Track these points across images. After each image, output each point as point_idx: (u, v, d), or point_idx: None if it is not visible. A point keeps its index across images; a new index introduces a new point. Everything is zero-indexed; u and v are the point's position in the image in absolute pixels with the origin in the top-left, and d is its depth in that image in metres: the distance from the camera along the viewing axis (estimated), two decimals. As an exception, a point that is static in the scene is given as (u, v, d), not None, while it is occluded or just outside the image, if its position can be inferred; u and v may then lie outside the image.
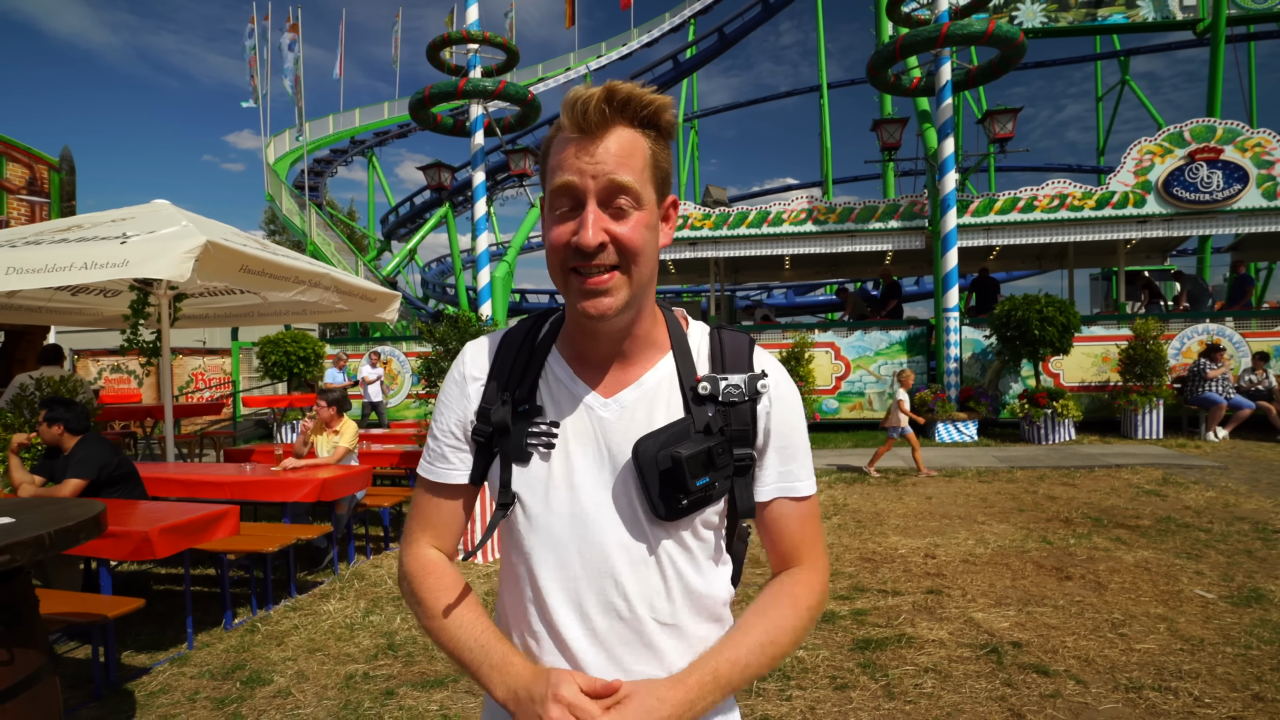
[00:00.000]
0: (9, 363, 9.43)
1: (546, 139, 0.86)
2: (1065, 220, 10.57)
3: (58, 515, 2.21)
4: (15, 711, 1.96)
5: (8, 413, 5.55)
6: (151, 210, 4.82)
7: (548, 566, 0.86)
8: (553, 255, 0.83)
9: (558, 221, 0.82)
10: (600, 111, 0.78)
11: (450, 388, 0.94)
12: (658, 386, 0.88)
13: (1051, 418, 9.46)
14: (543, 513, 0.86)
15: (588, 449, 0.87)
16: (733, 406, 0.87)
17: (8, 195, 8.72)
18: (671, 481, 0.81)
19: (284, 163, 23.38)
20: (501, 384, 0.90)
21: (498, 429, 0.88)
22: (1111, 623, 3.53)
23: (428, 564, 0.93)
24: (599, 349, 0.89)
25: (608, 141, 0.79)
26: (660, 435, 0.83)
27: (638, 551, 0.85)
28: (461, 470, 0.92)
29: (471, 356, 0.94)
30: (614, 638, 0.85)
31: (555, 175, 0.81)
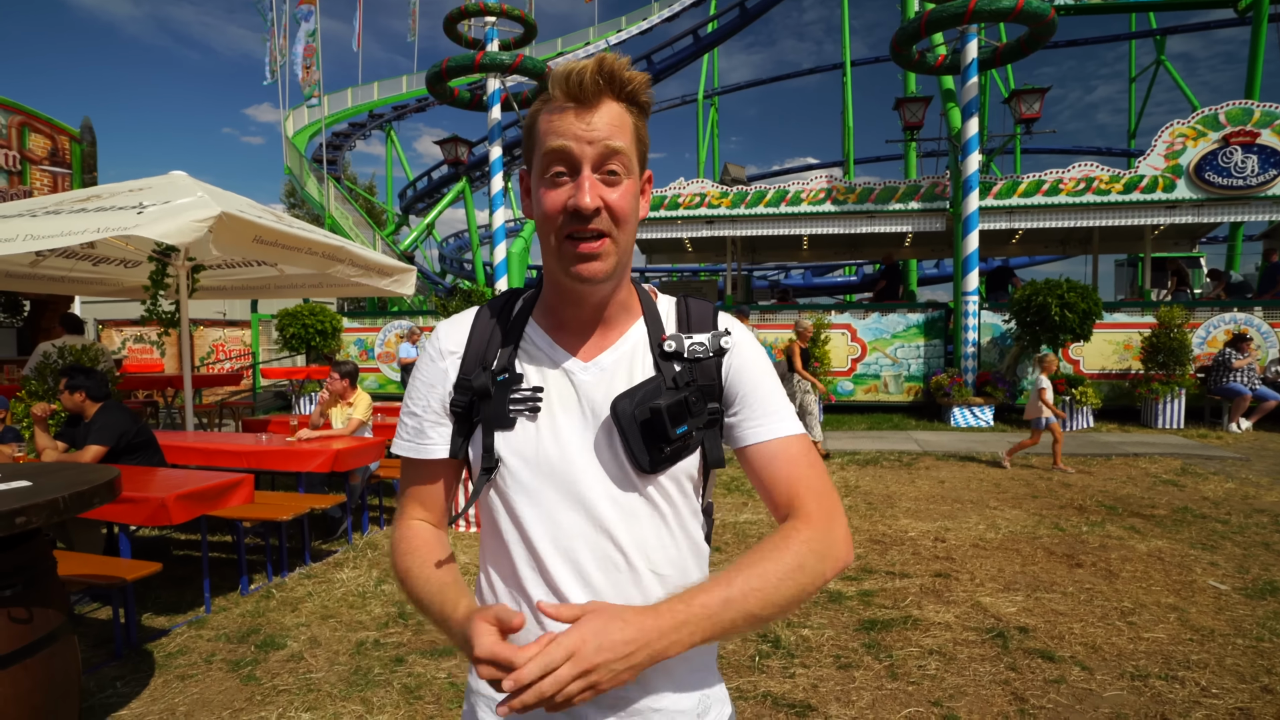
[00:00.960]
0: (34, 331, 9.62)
1: (532, 111, 0.87)
2: (1091, 204, 10.34)
3: (73, 480, 2.26)
4: (35, 667, 2.02)
5: (32, 380, 5.67)
6: (169, 181, 4.85)
7: (540, 527, 0.87)
8: (547, 221, 0.85)
9: (550, 187, 0.84)
10: (595, 81, 0.81)
11: (425, 365, 0.96)
12: (633, 350, 0.92)
13: (1070, 404, 9.34)
14: (532, 475, 0.88)
15: (571, 411, 0.89)
16: (698, 362, 0.91)
17: (31, 166, 8.83)
18: (652, 432, 0.84)
19: (303, 136, 23.42)
20: (479, 355, 0.93)
21: (479, 394, 0.90)
22: (1120, 611, 3.51)
23: (408, 532, 0.95)
24: (580, 315, 0.92)
25: (600, 111, 0.83)
26: (635, 393, 0.87)
27: (628, 504, 0.87)
28: (441, 444, 0.94)
29: (445, 333, 0.96)
30: (614, 592, 0.86)
31: (548, 140, 0.83)
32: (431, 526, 0.97)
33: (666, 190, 11.71)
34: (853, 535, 4.76)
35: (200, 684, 2.96)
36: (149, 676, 3.04)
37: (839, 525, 0.87)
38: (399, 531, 0.97)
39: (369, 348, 12.50)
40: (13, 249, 3.85)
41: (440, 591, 0.87)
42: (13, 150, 8.58)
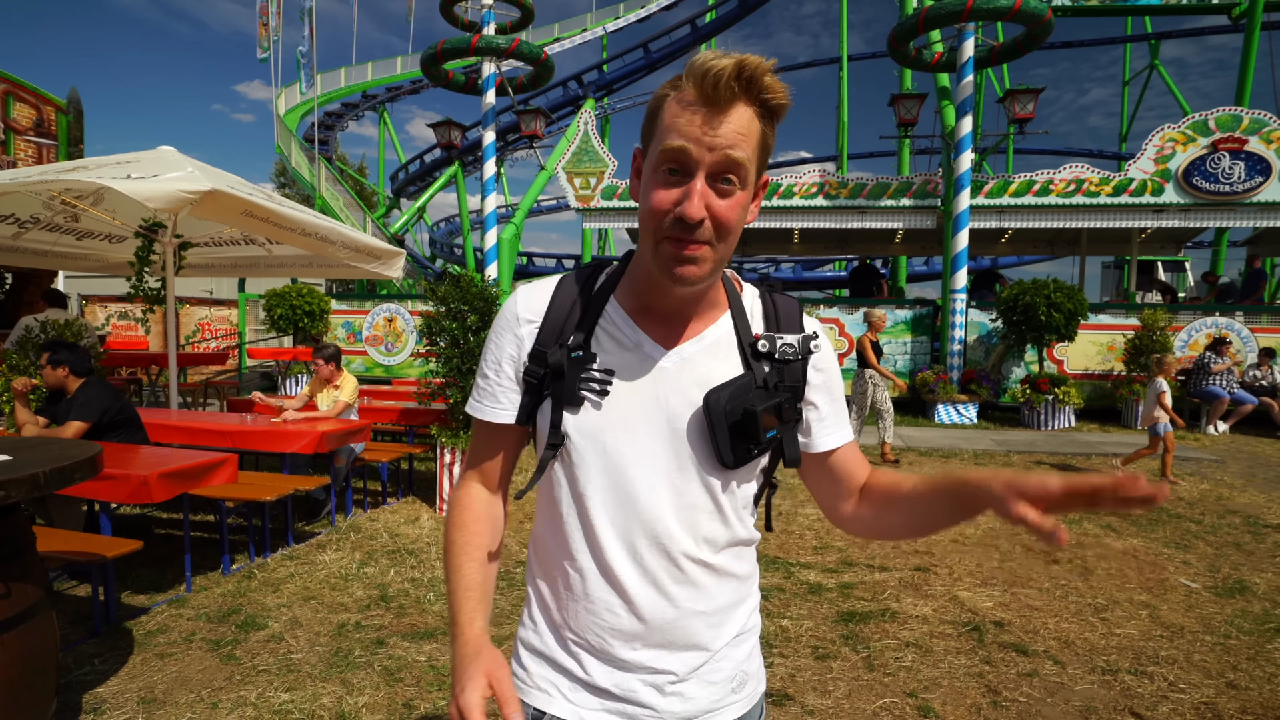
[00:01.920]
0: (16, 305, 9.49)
1: (659, 94, 0.84)
2: (1080, 206, 10.42)
3: (55, 455, 2.24)
4: (12, 643, 2.01)
5: (13, 354, 5.60)
6: (158, 156, 4.79)
7: (600, 507, 0.89)
8: (651, 218, 0.83)
9: (661, 185, 0.82)
10: (730, 88, 0.78)
11: (501, 328, 0.95)
12: (717, 342, 0.92)
13: (1052, 404, 9.45)
14: (597, 456, 0.89)
15: (644, 396, 0.89)
16: (787, 364, 0.93)
17: (15, 136, 8.68)
18: (742, 433, 0.87)
19: (294, 115, 23.11)
20: (557, 328, 0.92)
21: (553, 371, 0.89)
22: (1094, 607, 3.57)
23: (466, 501, 0.98)
24: (666, 304, 0.91)
25: (729, 118, 0.79)
26: (728, 388, 0.88)
27: (688, 495, 0.89)
28: (510, 410, 0.94)
29: (525, 298, 0.95)
30: (665, 576, 0.89)
31: (669, 136, 0.80)
32: (488, 497, 0.99)
33: (660, 180, 11.69)
34: (834, 528, 4.78)
35: (179, 662, 2.96)
36: (127, 654, 3.03)
37: None
38: (459, 495, 0.99)
39: (357, 330, 12.42)
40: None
41: (465, 592, 0.90)
42: (-4, 120, 8.43)
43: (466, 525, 0.96)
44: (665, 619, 0.90)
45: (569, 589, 0.92)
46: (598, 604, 0.90)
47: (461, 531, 0.95)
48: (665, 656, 0.90)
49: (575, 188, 11.80)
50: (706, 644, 0.92)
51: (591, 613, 0.91)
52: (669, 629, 0.90)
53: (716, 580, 0.93)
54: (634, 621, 0.90)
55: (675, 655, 0.91)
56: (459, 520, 0.96)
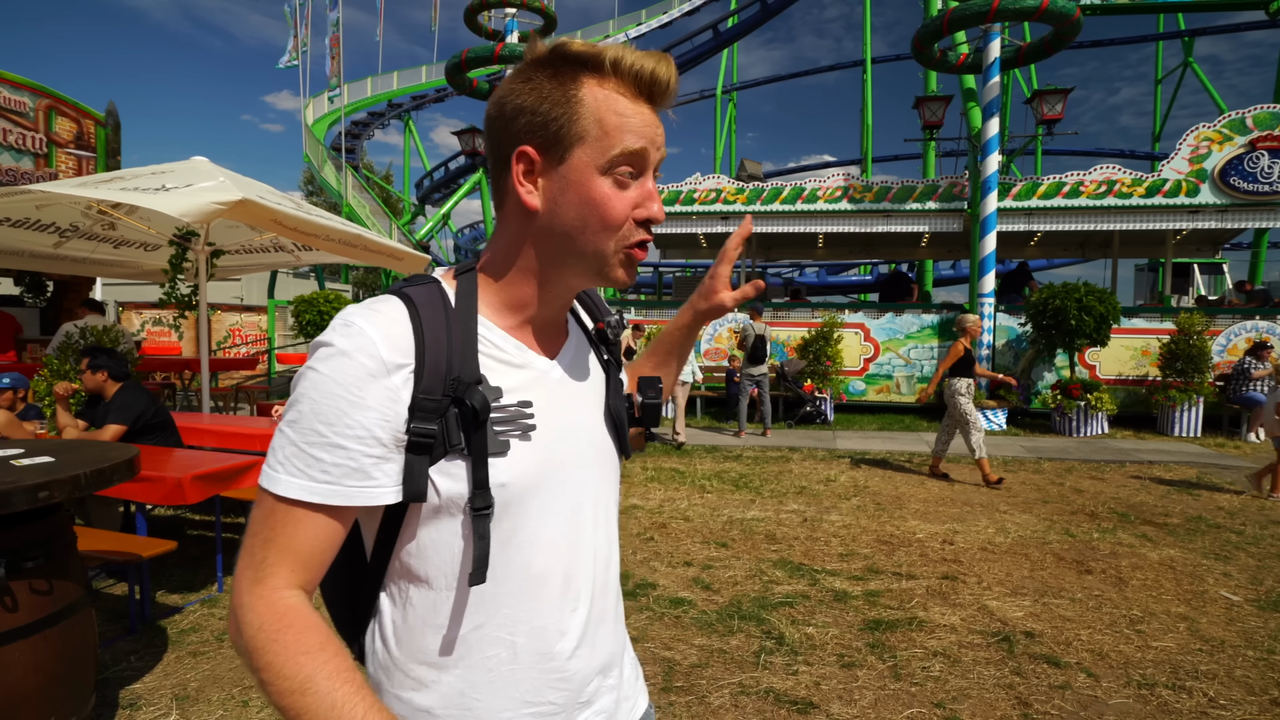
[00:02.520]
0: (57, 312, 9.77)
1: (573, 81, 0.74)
2: (1112, 208, 10.21)
3: (94, 457, 2.30)
4: (54, 638, 2.07)
5: (54, 359, 5.76)
6: (191, 166, 4.91)
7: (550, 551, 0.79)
8: (611, 224, 0.75)
9: (619, 187, 0.76)
10: (673, 91, 0.77)
11: (355, 380, 0.69)
12: (579, 340, 0.91)
13: (1084, 410, 9.26)
14: (532, 499, 0.77)
15: (556, 418, 0.81)
16: (615, 344, 0.95)
17: (57, 149, 8.95)
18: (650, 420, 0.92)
19: (322, 124, 23.55)
20: (440, 365, 0.72)
21: (476, 418, 0.72)
22: (1129, 619, 3.49)
23: (286, 614, 0.67)
24: (552, 314, 0.84)
25: (661, 117, 0.79)
26: (615, 387, 0.91)
27: (611, 504, 0.89)
28: (389, 487, 0.71)
29: (382, 335, 0.71)
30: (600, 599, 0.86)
31: (624, 137, 0.74)
32: (307, 603, 0.70)
33: (682, 186, 11.69)
34: (860, 535, 4.75)
35: (211, 661, 3.01)
36: (162, 651, 3.09)
37: None
38: (270, 610, 0.67)
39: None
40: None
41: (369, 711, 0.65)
42: (40, 133, 8.70)
43: (312, 649, 0.66)
44: (611, 640, 0.88)
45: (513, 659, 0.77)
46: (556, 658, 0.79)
47: (304, 659, 0.66)
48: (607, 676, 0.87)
49: (598, 193, 11.85)
50: (622, 639, 0.92)
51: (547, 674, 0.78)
52: (610, 648, 0.87)
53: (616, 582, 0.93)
54: (588, 655, 0.82)
55: (614, 671, 0.88)
56: (289, 643, 0.66)
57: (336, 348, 0.69)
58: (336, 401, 0.69)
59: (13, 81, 8.47)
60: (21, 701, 1.97)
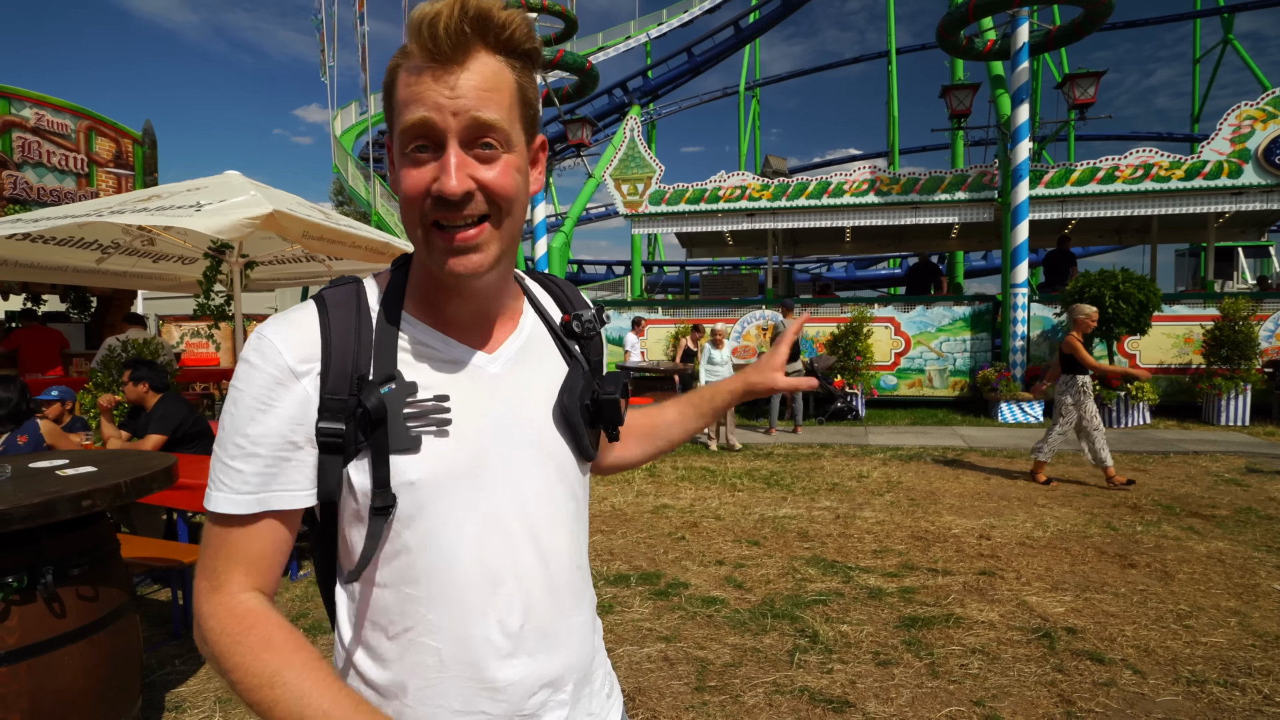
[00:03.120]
0: (101, 326, 10.09)
1: (390, 66, 0.71)
2: (1150, 192, 9.92)
3: (135, 466, 2.37)
4: (101, 643, 2.13)
5: (98, 372, 5.95)
6: (223, 181, 5.03)
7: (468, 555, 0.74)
8: (409, 207, 0.70)
9: (412, 165, 0.69)
10: (458, 33, 0.65)
11: (264, 388, 0.70)
12: (533, 333, 0.85)
13: (1125, 400, 9.01)
14: (452, 499, 0.73)
15: (487, 414, 0.76)
16: (589, 340, 0.90)
17: (97, 168, 9.25)
18: (608, 418, 0.85)
19: (350, 135, 23.98)
20: (346, 365, 0.72)
21: (372, 417, 0.70)
22: (1177, 614, 3.38)
23: (246, 616, 0.69)
24: (469, 307, 0.78)
25: (469, 71, 0.67)
26: (573, 383, 0.83)
27: (561, 504, 0.82)
28: (304, 490, 0.72)
29: (286, 342, 0.71)
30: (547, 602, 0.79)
31: (406, 110, 0.68)
32: (267, 604, 0.72)
33: (707, 183, 11.65)
34: (894, 530, 4.68)
35: (253, 664, 3.08)
36: (205, 655, 3.17)
37: None
38: (228, 614, 0.69)
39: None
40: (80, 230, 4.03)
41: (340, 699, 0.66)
42: (81, 154, 9.00)
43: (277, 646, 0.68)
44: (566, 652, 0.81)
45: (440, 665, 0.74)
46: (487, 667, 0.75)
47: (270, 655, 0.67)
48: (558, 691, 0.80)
49: (623, 194, 11.87)
50: (588, 653, 0.85)
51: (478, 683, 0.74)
52: (563, 660, 0.80)
53: (588, 584, 0.88)
54: (528, 665, 0.77)
55: (566, 685, 0.81)
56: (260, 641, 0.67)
57: (249, 362, 0.71)
58: (250, 412, 0.70)
59: (55, 105, 8.78)
60: (71, 704, 2.03)
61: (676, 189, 11.66)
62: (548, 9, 11.97)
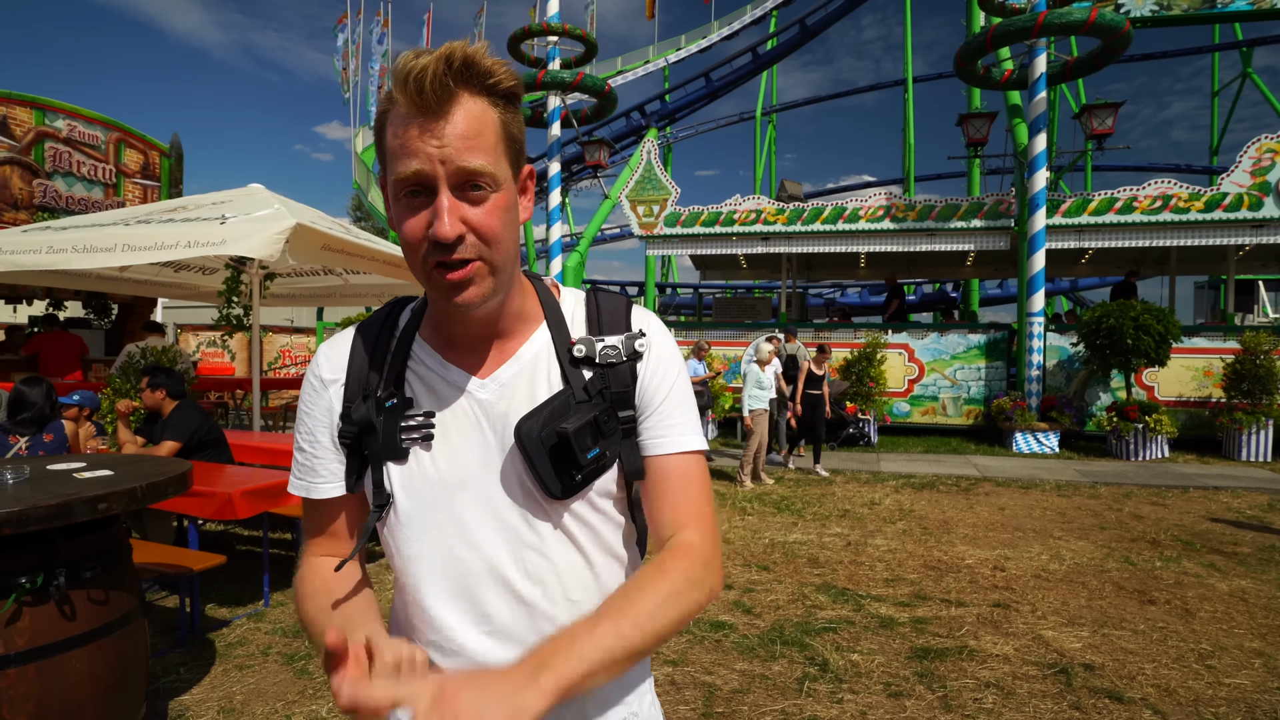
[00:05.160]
0: (120, 333, 10.22)
1: (379, 113, 0.75)
2: (1168, 223, 9.85)
3: (150, 471, 2.38)
4: (109, 647, 2.13)
5: (117, 378, 6.01)
6: (247, 193, 5.11)
7: (436, 567, 0.80)
8: (411, 252, 0.75)
9: (410, 212, 0.73)
10: (441, 84, 0.69)
11: (309, 396, 0.86)
12: (535, 358, 0.83)
13: (1142, 433, 8.88)
14: (425, 510, 0.80)
15: (470, 435, 0.81)
16: (611, 368, 0.82)
17: (125, 179, 9.43)
18: (561, 458, 0.77)
19: (370, 152, 24.34)
20: (361, 380, 0.83)
21: (362, 427, 0.81)
22: (1198, 653, 3.30)
23: (308, 573, 0.86)
24: (470, 331, 0.82)
25: (453, 118, 0.70)
26: (542, 411, 0.78)
27: (541, 531, 0.80)
28: (332, 482, 0.85)
29: (325, 358, 0.86)
30: (525, 630, 0.79)
31: (399, 161, 0.72)
32: (334, 561, 0.87)
33: (722, 207, 11.71)
34: (906, 559, 4.62)
35: (257, 675, 3.06)
36: (210, 664, 3.16)
37: (717, 553, 0.84)
38: (300, 573, 0.88)
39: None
40: (110, 260, 4.12)
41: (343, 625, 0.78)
42: (110, 164, 9.18)
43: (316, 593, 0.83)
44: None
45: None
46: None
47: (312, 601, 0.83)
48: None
49: (639, 215, 11.94)
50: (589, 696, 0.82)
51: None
52: None
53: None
54: None
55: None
56: (308, 591, 0.84)
57: (307, 373, 0.88)
58: (300, 414, 0.88)
59: (87, 116, 8.98)
60: (77, 709, 2.02)
61: (692, 211, 11.72)
62: (569, 33, 12.17)
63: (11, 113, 8.04)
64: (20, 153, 8.08)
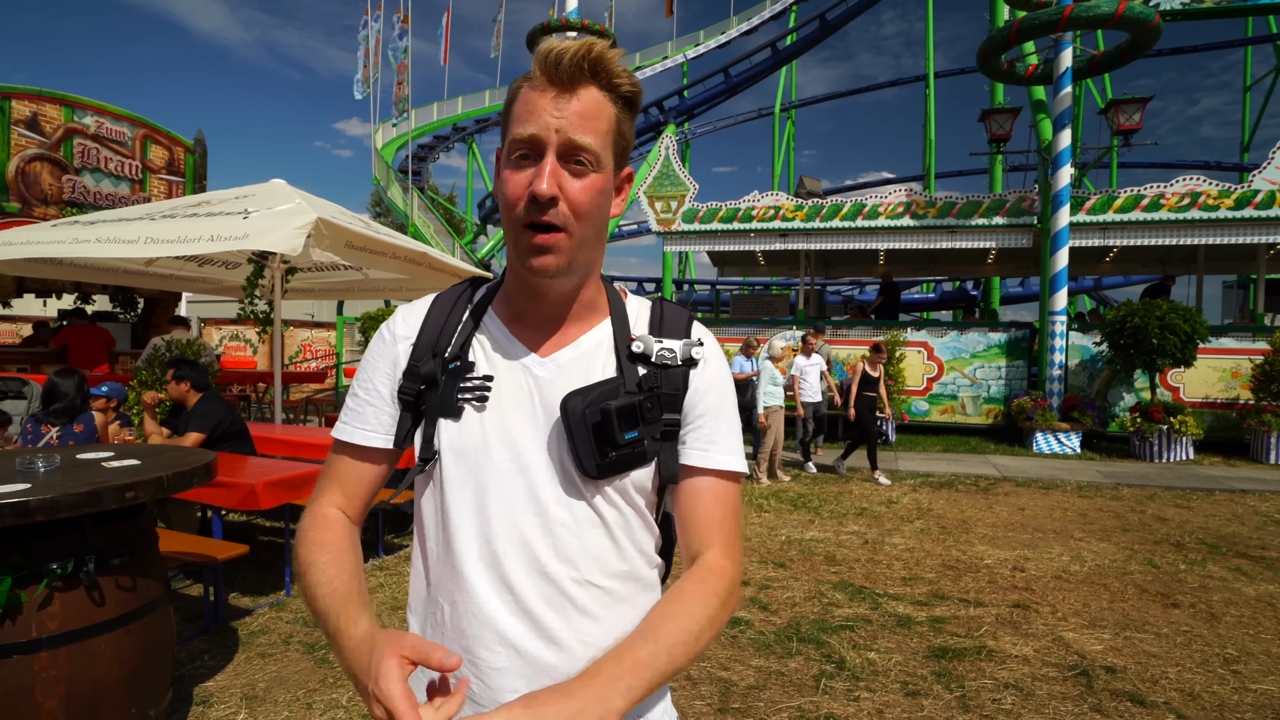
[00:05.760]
0: (146, 327, 10.40)
1: (514, 87, 0.82)
2: (1196, 221, 9.67)
3: (176, 461, 2.42)
4: (137, 633, 2.17)
5: (143, 370, 6.12)
6: (269, 189, 5.17)
7: (472, 527, 0.82)
8: (509, 207, 0.80)
9: (514, 169, 0.79)
10: (576, 66, 0.77)
11: (377, 347, 0.91)
12: (595, 348, 0.87)
13: (1167, 434, 8.74)
14: (470, 470, 0.83)
15: (521, 407, 0.84)
16: (665, 369, 0.86)
17: (150, 175, 9.58)
18: (600, 435, 0.80)
19: (390, 148, 24.53)
20: (432, 341, 0.88)
21: (426, 381, 0.86)
22: (1224, 658, 3.24)
23: (319, 520, 0.88)
24: (540, 309, 0.87)
25: (576, 97, 0.78)
26: (589, 392, 0.82)
27: (573, 510, 0.83)
28: (379, 434, 0.89)
29: (403, 317, 0.92)
30: (540, 601, 0.81)
31: (519, 124, 0.79)
32: (347, 521, 0.90)
33: (740, 203, 11.66)
34: (924, 559, 4.59)
35: (279, 663, 3.11)
36: (233, 652, 3.21)
37: (740, 573, 0.89)
38: (310, 517, 0.89)
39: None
40: (133, 251, 4.19)
41: (343, 602, 0.79)
42: (136, 160, 9.33)
43: (327, 544, 0.85)
44: (556, 657, 0.80)
45: (439, 623, 0.84)
46: (469, 638, 0.82)
47: (320, 550, 0.84)
48: None
49: (656, 211, 11.93)
50: None
51: (465, 653, 0.81)
52: (558, 663, 0.80)
53: (615, 608, 0.83)
54: (511, 657, 0.80)
55: None
56: (317, 538, 0.85)
57: (380, 330, 0.93)
58: (364, 364, 0.92)
59: (115, 113, 9.13)
60: (105, 693, 2.07)
61: (710, 207, 11.68)
62: (588, 28, 12.17)
63: (42, 110, 8.19)
64: (50, 149, 8.23)
